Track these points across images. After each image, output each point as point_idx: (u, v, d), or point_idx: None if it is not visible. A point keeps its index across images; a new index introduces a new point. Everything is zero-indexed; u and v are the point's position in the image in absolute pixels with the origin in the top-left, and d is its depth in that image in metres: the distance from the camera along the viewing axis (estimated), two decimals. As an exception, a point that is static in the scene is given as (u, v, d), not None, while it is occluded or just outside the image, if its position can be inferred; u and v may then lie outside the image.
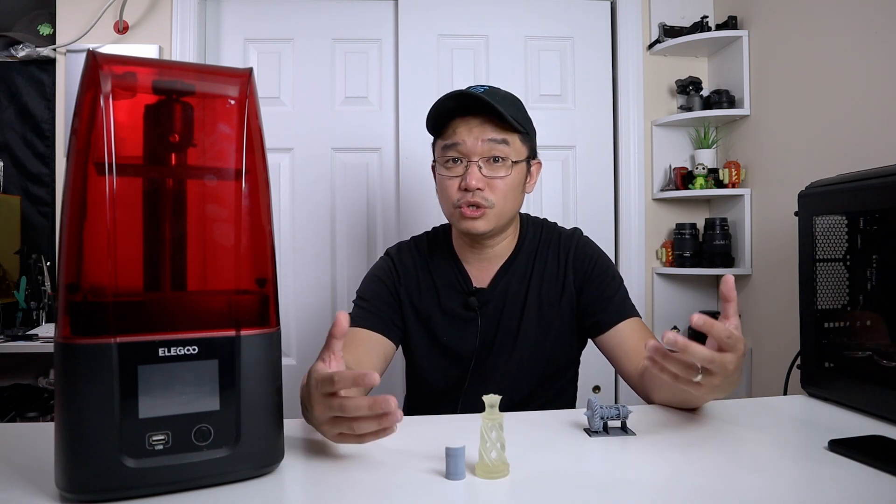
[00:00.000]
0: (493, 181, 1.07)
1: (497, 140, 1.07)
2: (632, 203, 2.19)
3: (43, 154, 2.15)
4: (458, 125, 1.08)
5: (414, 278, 1.18)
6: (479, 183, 1.06)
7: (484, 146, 1.07)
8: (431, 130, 1.13)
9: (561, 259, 1.16)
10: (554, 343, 1.14)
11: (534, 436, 0.83)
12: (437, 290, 1.17)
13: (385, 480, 0.67)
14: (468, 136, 1.07)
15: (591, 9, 2.22)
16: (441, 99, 1.08)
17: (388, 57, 2.18)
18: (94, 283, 0.60)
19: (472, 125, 1.07)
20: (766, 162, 1.95)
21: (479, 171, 1.07)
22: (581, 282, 1.14)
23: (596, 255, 1.18)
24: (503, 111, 1.04)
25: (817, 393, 1.03)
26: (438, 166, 1.12)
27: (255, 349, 0.66)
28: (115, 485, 0.59)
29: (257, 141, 0.67)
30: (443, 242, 1.22)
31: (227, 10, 2.15)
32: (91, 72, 0.60)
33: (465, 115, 1.08)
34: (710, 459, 0.74)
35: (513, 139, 1.09)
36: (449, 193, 1.10)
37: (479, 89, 1.07)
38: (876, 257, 0.98)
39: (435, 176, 1.16)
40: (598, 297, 1.13)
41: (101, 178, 0.59)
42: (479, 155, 1.07)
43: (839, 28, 1.61)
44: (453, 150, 1.08)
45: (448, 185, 1.10)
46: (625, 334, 1.09)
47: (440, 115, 1.10)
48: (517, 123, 1.07)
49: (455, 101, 1.07)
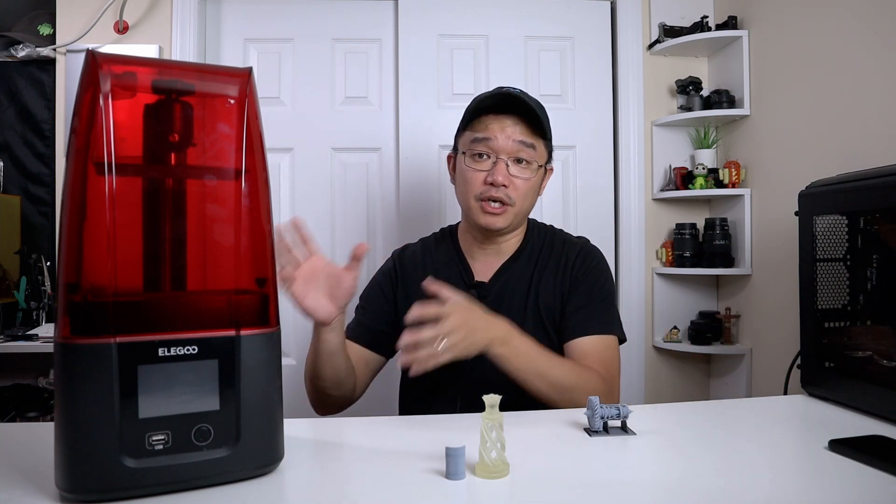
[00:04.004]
0: (516, 180, 1.11)
1: (526, 143, 1.12)
2: (632, 203, 2.19)
3: (43, 154, 2.15)
4: (490, 121, 1.12)
5: (415, 275, 1.20)
6: (505, 180, 1.10)
7: (513, 146, 1.11)
8: (462, 122, 1.17)
9: (562, 263, 1.17)
10: (550, 344, 1.14)
11: (534, 436, 0.83)
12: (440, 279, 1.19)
13: (385, 480, 0.67)
14: (500, 133, 1.11)
15: (591, 9, 2.22)
16: (482, 96, 1.13)
17: (388, 57, 2.18)
18: (94, 283, 0.60)
19: (505, 124, 1.11)
20: (766, 162, 1.95)
21: (505, 169, 1.10)
22: (570, 285, 1.15)
23: (593, 264, 1.17)
24: (539, 114, 1.09)
25: (817, 393, 1.03)
26: (465, 157, 1.15)
27: (255, 349, 0.66)
28: (115, 485, 0.59)
29: (257, 141, 0.67)
30: (449, 239, 1.25)
31: (227, 10, 2.15)
32: (90, 71, 0.60)
33: (499, 112, 1.12)
34: (710, 459, 0.74)
35: (539, 144, 1.13)
36: (473, 185, 1.13)
37: (513, 91, 1.11)
38: (876, 257, 0.98)
39: (453, 166, 1.20)
40: (573, 303, 1.13)
41: (100, 178, 0.59)
42: (508, 153, 1.11)
43: (839, 28, 1.61)
44: (483, 145, 1.12)
45: (473, 176, 1.13)
46: (581, 350, 1.09)
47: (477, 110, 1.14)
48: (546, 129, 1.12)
49: (494, 99, 1.11)
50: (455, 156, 1.20)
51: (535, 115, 1.10)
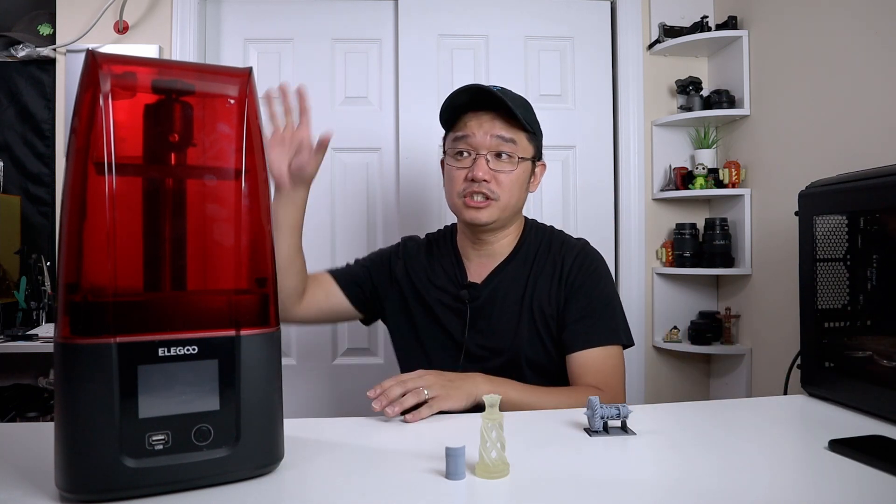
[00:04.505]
0: (498, 175, 1.12)
1: (505, 138, 1.12)
2: (632, 203, 2.19)
3: (43, 154, 2.15)
4: (469, 119, 1.13)
5: (417, 263, 1.24)
6: (486, 175, 1.11)
7: (492, 141, 1.11)
8: (444, 124, 1.19)
9: (557, 265, 1.15)
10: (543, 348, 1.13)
11: (534, 436, 0.83)
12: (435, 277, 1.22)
13: (385, 480, 0.67)
14: (478, 129, 1.12)
15: (591, 9, 2.22)
16: (456, 91, 1.13)
17: (388, 57, 2.18)
18: (94, 283, 0.60)
19: (482, 120, 1.12)
20: (766, 162, 1.95)
21: (486, 164, 1.11)
22: (567, 292, 1.13)
23: (591, 269, 1.15)
24: (513, 108, 1.09)
25: (817, 393, 1.03)
26: (448, 158, 1.17)
27: (255, 349, 0.66)
28: (115, 485, 0.59)
29: (257, 141, 0.67)
30: (448, 238, 1.27)
31: (227, 10, 2.15)
32: (90, 71, 0.60)
33: (477, 110, 1.13)
34: (710, 459, 0.74)
35: (520, 138, 1.14)
36: (455, 183, 1.14)
37: (487, 87, 1.11)
38: (876, 257, 0.98)
39: (443, 170, 1.21)
40: (573, 314, 1.11)
41: (100, 178, 0.59)
42: (487, 149, 1.12)
43: (839, 28, 1.61)
44: (463, 143, 1.13)
45: (455, 175, 1.14)
46: (582, 364, 1.08)
47: (454, 109, 1.15)
48: (525, 122, 1.12)
49: (468, 95, 1.12)
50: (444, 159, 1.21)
51: (511, 109, 1.09)
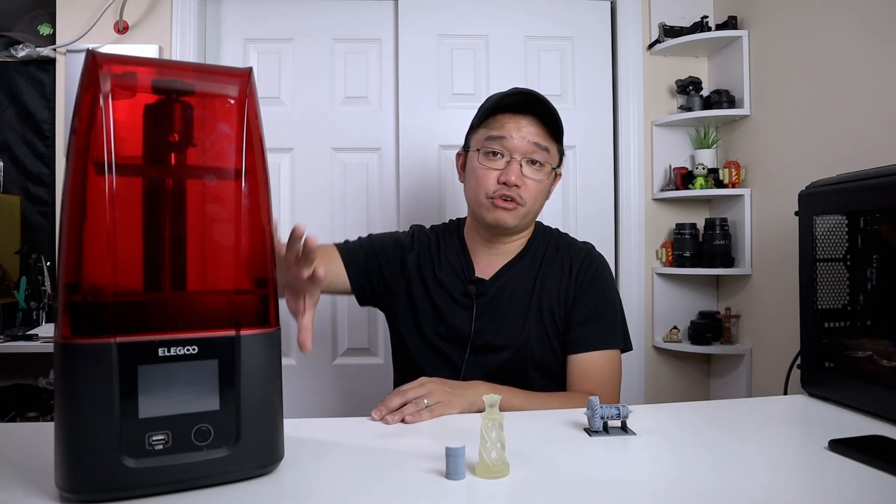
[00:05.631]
0: (528, 181, 1.11)
1: (541, 146, 1.11)
2: (632, 203, 2.19)
3: (43, 154, 2.15)
4: (506, 120, 1.12)
5: (426, 254, 1.22)
6: (518, 180, 1.10)
7: (528, 146, 1.11)
8: (474, 119, 1.17)
9: (566, 267, 1.17)
10: (549, 345, 1.14)
11: (534, 436, 0.83)
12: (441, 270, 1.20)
13: (385, 480, 0.67)
14: (516, 132, 1.11)
15: (591, 9, 2.22)
16: (506, 93, 1.12)
17: (388, 57, 2.18)
18: (94, 283, 0.60)
19: (521, 124, 1.11)
20: (766, 162, 1.95)
21: (519, 169, 1.10)
22: (574, 294, 1.15)
23: (599, 273, 1.17)
24: (556, 116, 1.09)
25: (817, 393, 1.03)
26: (479, 155, 1.14)
27: (255, 349, 0.66)
28: (115, 485, 0.59)
29: (257, 141, 0.67)
30: (455, 232, 1.25)
31: (227, 10, 2.15)
32: (90, 71, 0.60)
33: (516, 112, 1.12)
34: (710, 459, 0.74)
35: (552, 147, 1.13)
36: (485, 183, 1.12)
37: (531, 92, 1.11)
38: (876, 257, 0.98)
39: (462, 163, 1.19)
40: (579, 317, 1.13)
41: (100, 178, 0.59)
42: (522, 154, 1.11)
43: (839, 28, 1.61)
44: (497, 143, 1.11)
45: (485, 174, 1.12)
46: (582, 366, 1.10)
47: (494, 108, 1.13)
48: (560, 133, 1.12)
49: (512, 98, 1.11)
50: (466, 153, 1.19)
51: (553, 116, 1.10)
